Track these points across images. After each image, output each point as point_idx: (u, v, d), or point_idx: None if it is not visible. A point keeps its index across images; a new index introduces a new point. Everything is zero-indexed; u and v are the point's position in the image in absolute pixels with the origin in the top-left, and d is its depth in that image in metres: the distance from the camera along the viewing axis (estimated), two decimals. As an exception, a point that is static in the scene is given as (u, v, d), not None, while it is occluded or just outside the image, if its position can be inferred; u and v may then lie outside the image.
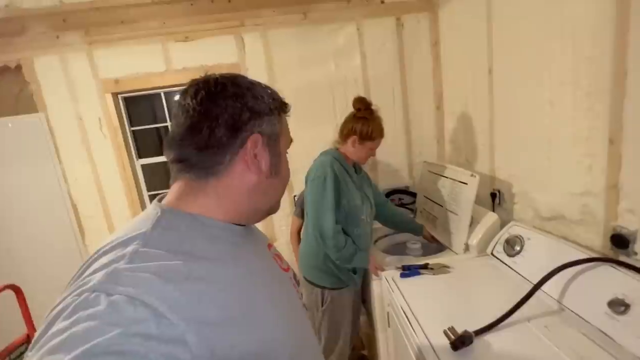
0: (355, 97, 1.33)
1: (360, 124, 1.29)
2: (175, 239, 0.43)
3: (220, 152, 0.47)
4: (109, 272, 0.37)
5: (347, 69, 1.84)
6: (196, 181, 0.48)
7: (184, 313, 0.36)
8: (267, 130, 0.50)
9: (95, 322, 0.33)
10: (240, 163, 0.48)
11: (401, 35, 1.84)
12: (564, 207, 1.13)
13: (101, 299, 0.34)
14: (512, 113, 1.33)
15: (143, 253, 0.40)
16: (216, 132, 0.46)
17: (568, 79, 1.03)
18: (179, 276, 0.39)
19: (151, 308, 0.35)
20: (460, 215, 1.42)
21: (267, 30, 1.76)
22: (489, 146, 1.51)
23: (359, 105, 1.31)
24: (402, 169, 1.99)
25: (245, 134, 0.48)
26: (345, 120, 1.34)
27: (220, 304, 0.41)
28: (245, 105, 0.48)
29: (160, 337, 0.34)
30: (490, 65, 1.42)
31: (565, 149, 1.09)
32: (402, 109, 1.91)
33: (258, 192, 0.51)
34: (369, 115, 1.31)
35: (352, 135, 1.31)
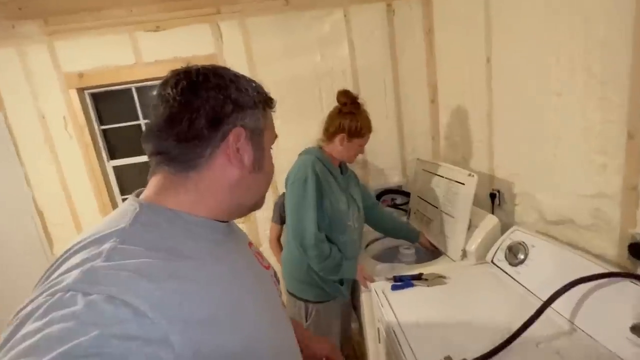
0: (340, 91, 1.20)
1: (347, 119, 1.16)
2: (155, 236, 0.42)
3: (201, 145, 0.45)
4: (85, 270, 0.35)
5: (333, 59, 1.70)
6: (176, 175, 0.46)
7: (167, 312, 0.35)
8: (250, 124, 0.48)
9: (72, 323, 0.30)
10: (222, 157, 0.47)
11: (392, 22, 1.70)
12: (573, 211, 1.01)
13: (77, 298, 0.32)
14: (513, 106, 1.20)
15: (121, 250, 0.38)
16: (196, 123, 0.44)
17: (578, 65, 0.91)
18: (161, 274, 0.37)
19: (132, 307, 0.33)
20: (457, 218, 1.30)
21: (246, 18, 1.61)
22: (487, 142, 1.39)
23: (345, 100, 1.18)
24: (394, 167, 1.86)
25: (227, 127, 0.46)
26: (330, 117, 1.21)
27: (203, 302, 0.39)
28: (228, 97, 0.46)
29: (141, 337, 0.32)
30: (489, 53, 1.29)
31: (574, 145, 0.97)
32: (394, 102, 1.78)
33: (241, 187, 0.49)
34: (355, 110, 1.18)
35: (340, 133, 1.18)
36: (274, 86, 1.70)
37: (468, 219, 1.24)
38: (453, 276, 1.14)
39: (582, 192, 0.96)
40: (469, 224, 1.29)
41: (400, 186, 1.90)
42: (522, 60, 1.12)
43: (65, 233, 1.73)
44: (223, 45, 1.63)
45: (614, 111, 0.83)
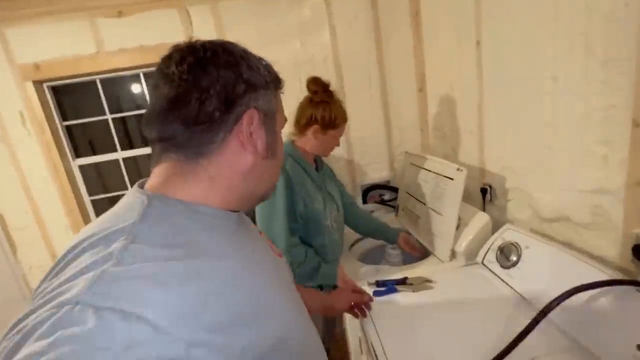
0: (309, 78, 1.09)
1: (320, 109, 1.06)
2: (168, 232, 0.38)
3: (212, 129, 0.41)
4: (95, 278, 0.30)
5: (314, 46, 1.58)
6: (185, 162, 0.42)
7: (189, 323, 0.32)
8: (263, 105, 0.44)
9: (81, 346, 0.27)
10: (235, 142, 0.43)
11: (376, 5, 1.58)
12: (570, 207, 0.92)
13: (88, 314, 0.28)
14: (505, 93, 1.10)
15: (133, 250, 0.34)
16: (207, 105, 0.40)
17: (577, 44, 0.80)
18: (179, 278, 0.34)
19: (150, 324, 0.29)
20: (446, 216, 1.20)
21: (218, 3, 1.48)
22: (478, 133, 1.28)
23: (315, 87, 1.07)
24: (381, 161, 1.76)
25: (240, 108, 0.42)
26: (300, 107, 1.10)
27: (228, 302, 0.36)
28: (239, 75, 0.42)
29: (163, 357, 0.29)
30: (479, 36, 1.18)
31: (572, 134, 0.87)
32: (380, 91, 1.67)
33: (254, 174, 0.46)
34: (328, 98, 1.07)
35: (313, 125, 1.07)
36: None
37: (457, 216, 1.15)
38: (440, 280, 1.05)
39: (580, 187, 0.87)
40: (458, 222, 1.20)
41: (388, 181, 1.80)
42: (515, 41, 1.01)
43: (29, 238, 1.61)
44: (193, 32, 1.50)
45: (618, 96, 0.73)
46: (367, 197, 1.82)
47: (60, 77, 1.51)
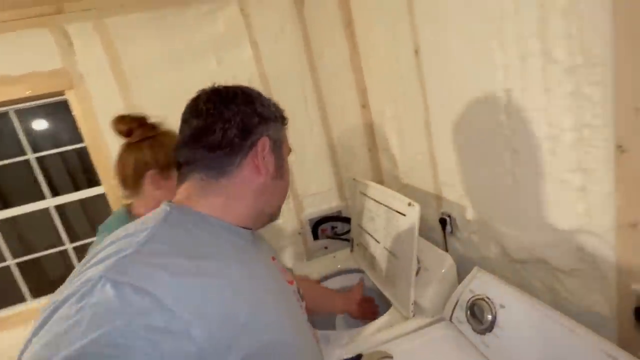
0: (115, 119, 0.83)
1: (147, 150, 0.80)
2: (181, 236, 0.44)
3: (232, 153, 0.50)
4: (116, 261, 0.38)
5: (235, 64, 1.34)
6: (206, 181, 0.50)
7: (188, 306, 0.36)
8: (273, 135, 0.54)
9: (102, 310, 0.33)
10: (250, 164, 0.51)
11: (302, 15, 1.38)
12: (545, 249, 0.73)
13: (108, 286, 0.35)
14: (453, 108, 0.92)
15: (151, 245, 0.41)
16: (229, 133, 0.49)
17: (532, 47, 0.63)
18: (185, 270, 0.39)
19: (157, 299, 0.35)
20: (401, 260, 0.99)
21: (104, 18, 1.20)
22: (428, 155, 1.10)
23: (128, 126, 0.81)
24: (329, 190, 1.54)
25: (255, 136, 0.51)
26: (119, 162, 0.82)
27: (224, 301, 0.41)
28: (254, 110, 0.52)
29: (165, 329, 0.34)
30: (416, 44, 1.00)
31: (537, 159, 0.69)
32: (319, 111, 1.46)
33: (265, 194, 0.53)
34: (152, 132, 0.83)
35: (146, 172, 0.80)
36: (158, 104, 1.27)
37: (414, 261, 0.93)
38: (401, 352, 0.82)
39: (555, 224, 0.69)
40: (418, 266, 0.99)
41: (339, 211, 1.58)
42: (457, 48, 0.84)
43: None
44: (76, 55, 1.20)
45: (592, 112, 0.55)
46: (318, 231, 1.58)
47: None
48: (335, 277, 1.39)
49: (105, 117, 1.24)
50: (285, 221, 1.51)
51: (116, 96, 1.24)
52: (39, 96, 1.21)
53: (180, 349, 0.34)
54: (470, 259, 1.01)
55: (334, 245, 1.58)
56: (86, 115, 1.23)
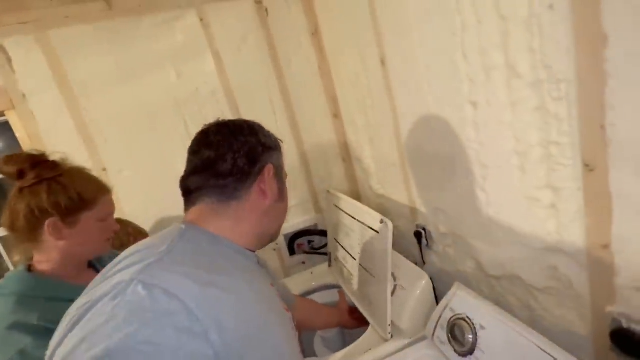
0: (4, 159, 0.67)
1: (45, 194, 0.66)
2: (198, 251, 0.48)
3: (242, 179, 0.55)
4: (144, 266, 0.42)
5: (196, 77, 1.27)
6: (217, 204, 0.54)
7: (207, 314, 0.39)
8: (275, 162, 0.60)
9: (135, 307, 0.37)
10: (257, 189, 0.56)
11: (266, 24, 1.32)
12: (518, 265, 0.71)
13: (140, 287, 0.39)
14: (422, 119, 0.89)
15: (171, 257, 0.45)
16: (239, 161, 0.55)
17: (496, 60, 0.60)
18: (205, 281, 0.42)
19: (183, 303, 0.38)
20: (377, 278, 0.95)
21: (47, 30, 1.10)
22: (400, 167, 1.07)
23: (17, 167, 0.66)
24: (303, 202, 1.49)
25: (261, 164, 0.57)
26: (8, 209, 0.68)
27: (237, 315, 0.43)
28: (259, 141, 0.58)
29: (189, 330, 0.37)
30: (382, 54, 0.97)
31: (506, 175, 0.66)
32: (288, 123, 1.41)
33: (269, 215, 0.58)
34: (50, 172, 0.68)
35: (45, 219, 0.66)
36: (112, 122, 1.20)
37: (390, 280, 0.89)
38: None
39: (526, 242, 0.66)
40: (394, 285, 0.95)
41: (315, 224, 1.53)
42: (422, 58, 0.81)
43: None
44: (15, 74, 1.09)
45: (558, 129, 0.53)
46: (294, 246, 1.53)
47: None
48: (314, 294, 1.33)
49: (52, 138, 1.14)
50: (259, 238, 1.45)
51: (64, 115, 1.14)
52: (-24, 118, 1.09)
53: (201, 351, 0.37)
54: (448, 273, 0.99)
55: (311, 260, 1.53)
56: (31, 137, 1.12)
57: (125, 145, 1.19)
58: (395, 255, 1.03)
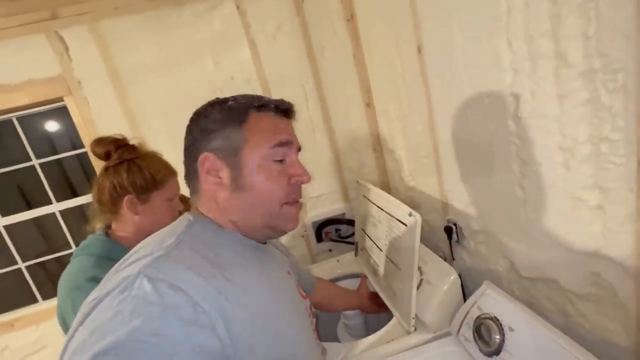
0: (92, 141, 0.80)
1: (123, 173, 0.77)
2: (205, 244, 0.47)
3: (192, 178, 0.54)
4: (152, 260, 0.42)
5: (232, 65, 1.30)
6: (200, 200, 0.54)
7: (215, 306, 0.40)
8: (219, 145, 0.51)
9: (141, 302, 0.37)
10: (203, 183, 0.52)
11: (302, 11, 1.32)
12: (556, 269, 0.67)
13: (145, 282, 0.39)
14: (458, 111, 0.85)
15: (179, 249, 0.45)
16: (185, 159, 0.54)
17: (544, 48, 0.55)
18: (211, 274, 0.43)
19: (188, 296, 0.39)
20: (403, 271, 0.94)
21: (98, 21, 1.18)
22: (434, 159, 1.03)
23: (105, 149, 0.79)
24: (332, 192, 1.49)
25: (195, 154, 0.52)
26: (96, 184, 0.79)
27: (243, 306, 0.43)
28: (197, 126, 0.53)
29: (195, 322, 0.38)
30: (419, 40, 0.93)
31: (548, 173, 0.62)
32: (321, 111, 1.41)
33: (234, 208, 0.52)
34: (130, 154, 0.79)
35: (122, 197, 0.77)
36: (154, 109, 1.27)
37: (415, 274, 0.88)
38: (401, 372, 0.78)
39: (568, 244, 0.62)
40: (420, 279, 0.94)
41: (343, 214, 1.53)
42: (461, 46, 0.76)
43: None
44: (72, 62, 1.19)
45: (612, 123, 0.48)
46: (322, 233, 1.55)
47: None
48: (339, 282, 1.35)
49: (103, 123, 1.24)
50: (287, 224, 1.48)
51: (113, 101, 1.23)
52: (38, 103, 1.21)
53: (207, 343, 0.38)
54: (478, 271, 0.96)
55: (338, 248, 1.54)
56: (85, 121, 1.22)
57: (165, 131, 1.26)
58: (423, 249, 1.01)
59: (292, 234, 1.49)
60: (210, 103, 0.55)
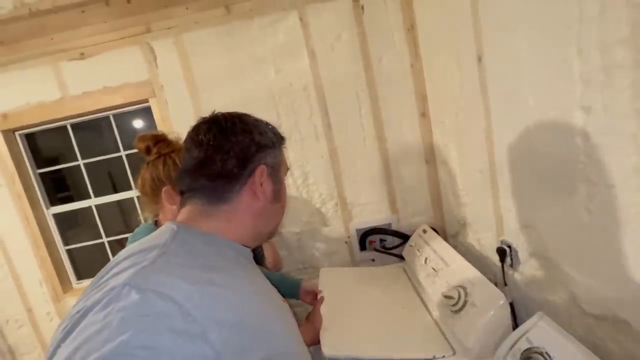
0: (136, 138, 0.88)
1: (160, 166, 0.84)
2: (191, 251, 0.47)
3: (232, 182, 0.53)
4: (137, 270, 0.41)
5: (292, 73, 1.37)
6: (207, 206, 0.52)
7: (205, 313, 0.38)
8: (270, 161, 0.56)
9: (128, 313, 0.36)
10: (249, 191, 0.53)
11: (361, 21, 1.34)
12: (628, 308, 0.58)
13: (133, 292, 0.38)
14: (520, 124, 0.79)
15: (165, 258, 0.44)
16: (228, 163, 0.52)
17: (620, 57, 0.50)
18: (199, 280, 0.42)
19: (178, 304, 0.37)
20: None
21: (181, 34, 1.34)
22: (489, 174, 0.97)
23: (145, 144, 0.86)
24: (379, 201, 1.48)
25: (252, 165, 0.53)
26: (140, 177, 0.88)
27: (234, 308, 0.42)
28: (252, 140, 0.54)
29: (186, 332, 0.36)
30: (480, 50, 0.89)
31: (621, 196, 0.55)
32: (373, 120, 1.41)
33: (263, 216, 0.56)
34: (168, 149, 0.86)
35: (162, 187, 0.84)
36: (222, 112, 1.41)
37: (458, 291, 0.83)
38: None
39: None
40: (461, 298, 0.89)
41: (389, 224, 1.50)
42: (526, 55, 0.71)
43: (4, 292, 1.54)
44: (158, 68, 1.37)
45: (702, 144, 0.41)
46: (366, 242, 1.54)
47: (28, 125, 1.45)
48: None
49: (178, 122, 1.40)
50: (332, 228, 1.50)
51: (188, 104, 1.38)
52: (129, 103, 1.42)
53: (199, 352, 0.36)
54: (533, 299, 0.87)
55: (381, 259, 1.51)
56: (164, 120, 1.40)
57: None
58: (471, 270, 0.95)
59: (335, 238, 1.51)
60: (255, 120, 0.57)
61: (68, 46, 1.36)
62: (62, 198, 1.69)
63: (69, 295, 1.56)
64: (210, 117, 0.55)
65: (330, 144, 1.42)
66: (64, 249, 1.59)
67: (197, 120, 0.56)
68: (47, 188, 1.59)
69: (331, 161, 1.43)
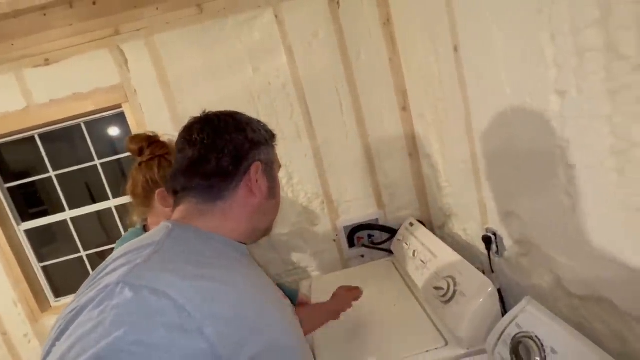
0: (127, 138, 0.87)
1: (154, 167, 0.82)
2: (186, 248, 0.47)
3: (227, 179, 0.53)
4: (131, 268, 0.41)
5: (270, 71, 1.35)
6: (202, 204, 0.52)
7: (200, 307, 0.38)
8: (264, 158, 0.56)
9: (122, 311, 0.36)
10: (244, 188, 0.54)
11: (338, 17, 1.33)
12: (612, 287, 0.59)
13: (126, 290, 0.37)
14: (498, 111, 0.80)
15: (160, 255, 0.44)
16: (222, 161, 0.52)
17: (593, 40, 0.50)
18: (194, 275, 0.42)
19: (172, 300, 0.37)
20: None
21: (153, 35, 1.30)
22: (471, 164, 0.98)
23: (139, 145, 0.84)
24: (365, 197, 1.47)
25: (247, 162, 0.54)
26: (131, 179, 0.86)
27: (230, 302, 0.42)
28: (246, 137, 0.54)
29: (181, 327, 0.36)
30: (455, 38, 0.89)
31: (599, 179, 0.56)
32: (354, 116, 1.40)
33: (259, 213, 0.56)
34: (160, 150, 0.85)
35: (156, 189, 0.82)
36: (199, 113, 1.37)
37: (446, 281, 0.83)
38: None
39: (623, 259, 0.55)
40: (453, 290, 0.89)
41: (376, 219, 1.50)
42: (500, 43, 0.72)
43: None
44: (130, 72, 1.32)
45: (674, 121, 0.42)
46: (354, 238, 1.53)
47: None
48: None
49: (154, 126, 1.34)
50: (319, 227, 1.48)
51: (163, 107, 1.34)
52: (101, 109, 1.36)
53: (194, 346, 0.36)
54: (519, 285, 0.88)
55: (370, 254, 1.51)
56: (139, 125, 1.35)
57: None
58: (458, 260, 0.96)
59: (323, 237, 1.50)
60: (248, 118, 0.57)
61: (31, 52, 1.28)
62: (36, 213, 1.60)
63: (47, 314, 1.49)
64: (202, 116, 0.55)
65: (313, 142, 1.41)
66: (39, 266, 1.51)
67: (189, 120, 0.56)
68: (18, 204, 1.50)
69: (315, 159, 1.42)
